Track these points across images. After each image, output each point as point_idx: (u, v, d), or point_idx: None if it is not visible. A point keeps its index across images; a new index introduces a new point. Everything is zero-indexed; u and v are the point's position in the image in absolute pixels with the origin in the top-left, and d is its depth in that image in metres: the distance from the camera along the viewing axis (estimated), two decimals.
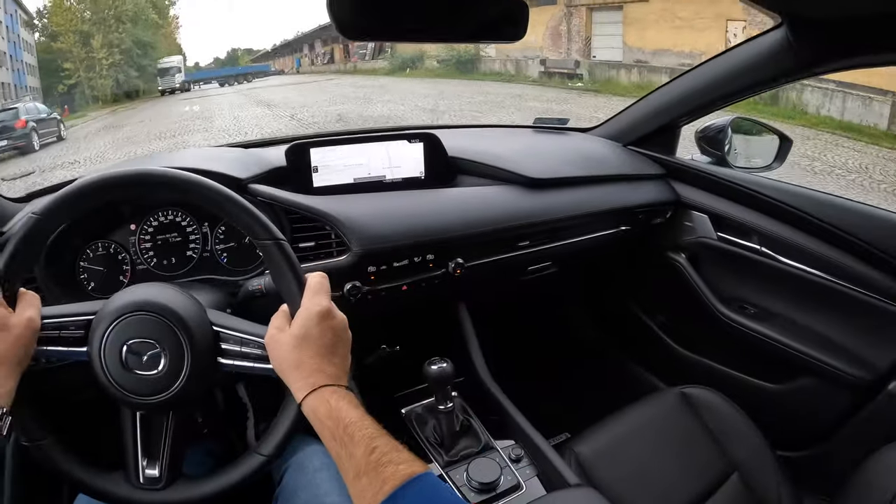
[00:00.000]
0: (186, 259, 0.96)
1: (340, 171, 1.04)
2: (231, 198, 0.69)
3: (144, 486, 0.69)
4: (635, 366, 1.46)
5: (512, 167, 1.12)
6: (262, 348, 0.68)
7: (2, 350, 0.59)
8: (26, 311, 0.62)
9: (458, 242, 1.03)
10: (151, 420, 0.70)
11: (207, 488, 0.70)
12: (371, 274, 0.98)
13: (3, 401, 0.57)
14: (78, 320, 0.68)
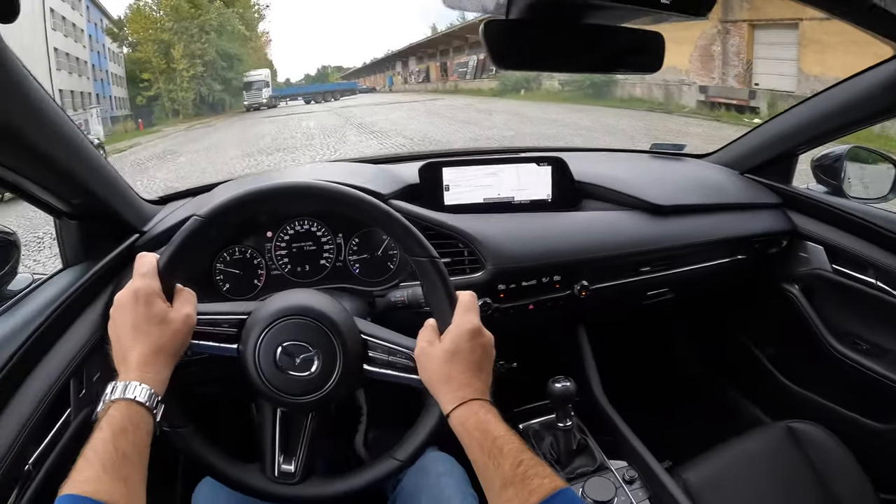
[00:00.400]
0: (320, 267, 1.02)
1: (471, 191, 1.08)
2: (392, 215, 0.72)
3: (279, 479, 0.72)
4: (740, 396, 1.43)
5: (636, 193, 1.13)
6: (409, 359, 0.71)
7: (162, 341, 0.63)
8: (184, 307, 0.66)
9: (585, 265, 1.05)
10: (291, 418, 0.74)
11: (340, 487, 0.73)
12: (501, 292, 1.01)
13: (159, 388, 0.60)
14: (232, 319, 0.72)
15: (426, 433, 0.72)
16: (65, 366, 0.79)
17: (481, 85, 21.59)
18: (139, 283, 0.64)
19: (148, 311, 0.63)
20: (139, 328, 0.62)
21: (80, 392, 0.84)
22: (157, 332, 0.62)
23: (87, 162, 0.83)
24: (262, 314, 0.72)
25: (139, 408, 0.57)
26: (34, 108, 0.68)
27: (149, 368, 0.61)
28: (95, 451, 0.52)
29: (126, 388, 0.58)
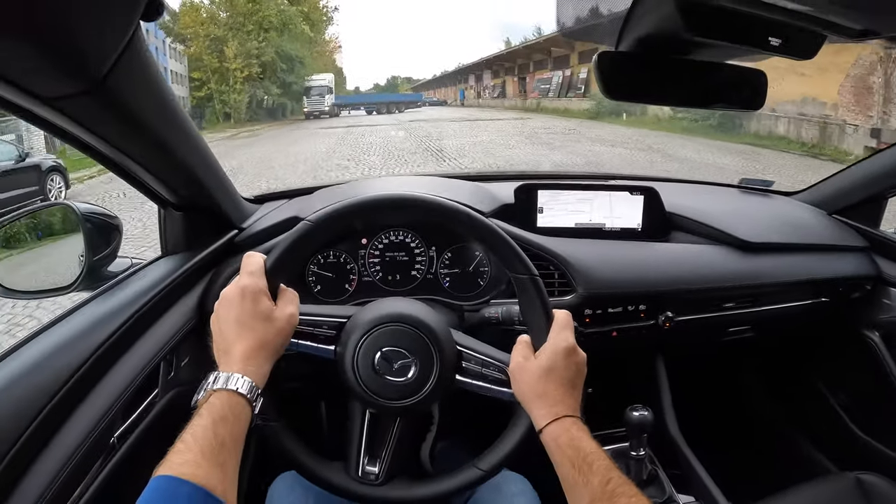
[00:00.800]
0: (411, 278, 1.03)
1: (564, 214, 1.08)
2: (497, 232, 0.74)
3: (362, 479, 0.74)
4: (809, 442, 1.40)
5: (725, 228, 1.11)
6: (502, 373, 0.73)
7: (265, 338, 0.64)
8: (288, 306, 0.68)
9: (672, 296, 1.04)
10: (379, 421, 0.76)
11: (422, 491, 0.74)
12: (587, 317, 1.01)
13: (259, 382, 0.62)
14: (332, 321, 0.75)
15: (511, 446, 0.74)
16: (157, 349, 0.81)
17: (569, 105, 18.34)
18: (247, 280, 0.66)
19: (254, 307, 0.64)
20: (244, 323, 0.64)
21: (169, 375, 0.87)
22: (261, 328, 0.64)
23: (202, 158, 0.85)
24: (364, 319, 0.74)
25: (240, 399, 0.59)
26: (163, 104, 0.70)
27: (251, 362, 0.62)
28: (195, 436, 0.53)
29: (228, 378, 0.60)
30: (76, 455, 0.61)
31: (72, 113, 0.61)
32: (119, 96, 0.60)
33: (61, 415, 0.62)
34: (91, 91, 0.56)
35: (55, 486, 0.57)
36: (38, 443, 0.58)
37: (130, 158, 0.77)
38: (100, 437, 0.66)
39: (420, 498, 0.74)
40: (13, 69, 0.50)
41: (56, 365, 0.64)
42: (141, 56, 0.60)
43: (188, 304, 0.93)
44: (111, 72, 0.55)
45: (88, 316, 0.75)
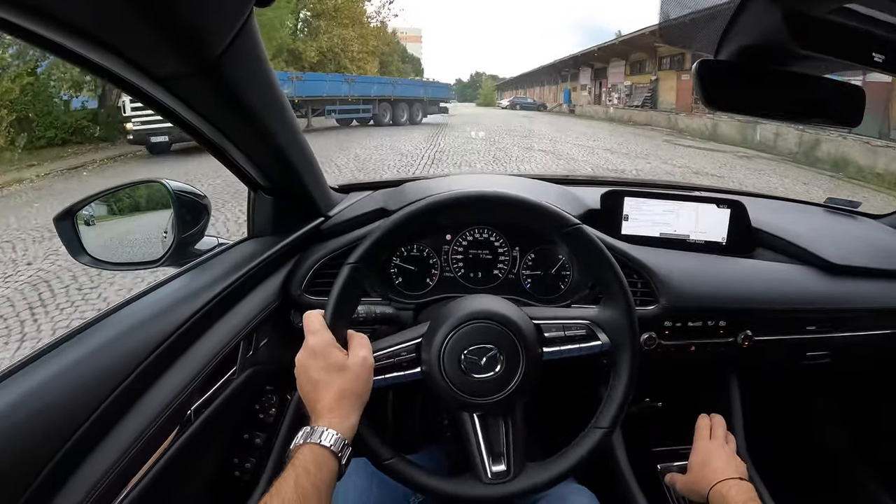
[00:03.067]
0: (492, 277, 1.02)
1: (649, 223, 1.06)
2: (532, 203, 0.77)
3: (494, 481, 0.74)
4: (873, 478, 1.34)
5: (811, 248, 1.08)
6: (585, 329, 0.75)
7: (344, 388, 0.66)
8: (360, 350, 0.69)
9: (753, 315, 1.01)
10: (490, 419, 0.76)
11: (554, 470, 0.75)
12: (667, 329, 0.99)
13: (345, 433, 0.63)
14: (408, 346, 0.76)
15: (620, 398, 0.75)
16: (239, 328, 0.82)
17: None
18: (311, 339, 0.69)
19: (325, 362, 0.67)
20: (320, 380, 0.66)
21: (248, 354, 0.87)
22: (338, 380, 0.66)
23: (297, 145, 0.87)
24: (436, 330, 0.75)
25: (323, 450, 0.61)
26: (268, 89, 0.72)
27: (334, 414, 0.64)
28: (278, 488, 0.57)
29: (313, 433, 0.62)
30: (155, 423, 0.62)
31: (180, 92, 0.63)
32: (228, 79, 0.62)
33: (144, 383, 0.63)
34: (203, 72, 0.57)
35: (133, 451, 0.59)
36: (120, 408, 0.59)
37: (230, 140, 0.79)
38: (178, 409, 0.68)
39: (555, 476, 0.75)
40: (132, 48, 0.51)
41: (143, 335, 0.65)
42: (252, 41, 0.61)
43: (271, 287, 0.94)
44: (224, 54, 0.56)
45: (176, 290, 0.77)
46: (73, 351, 0.59)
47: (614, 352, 0.76)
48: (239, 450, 0.94)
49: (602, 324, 0.77)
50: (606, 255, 0.76)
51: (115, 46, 0.50)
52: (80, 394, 0.55)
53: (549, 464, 0.75)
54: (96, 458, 0.55)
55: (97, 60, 0.52)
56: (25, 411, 0.51)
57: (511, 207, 0.78)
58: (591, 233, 0.76)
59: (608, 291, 0.78)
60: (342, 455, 0.62)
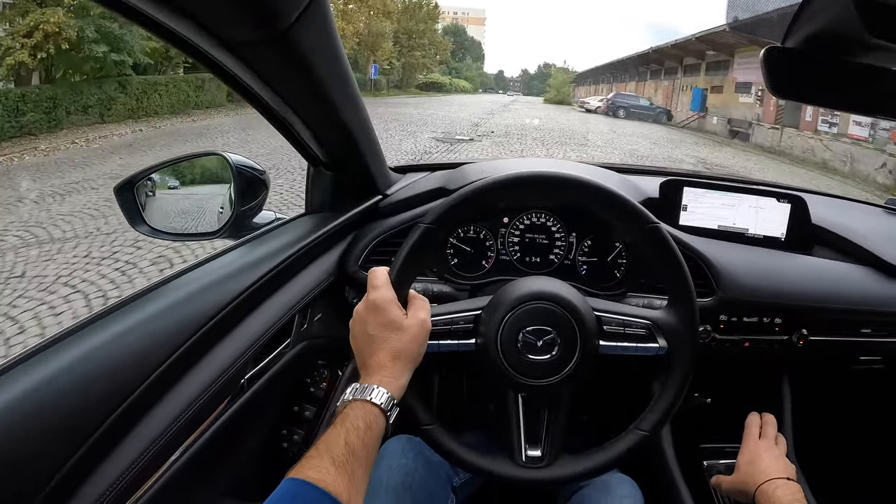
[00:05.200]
0: (548, 262, 1.01)
1: (707, 215, 1.04)
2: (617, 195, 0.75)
3: (528, 464, 0.73)
4: None
5: (872, 248, 1.05)
6: (646, 329, 0.73)
7: (398, 347, 0.65)
8: (419, 312, 0.68)
9: (809, 313, 0.99)
10: (534, 403, 0.75)
11: (590, 463, 0.74)
12: (722, 322, 0.97)
13: (396, 392, 0.63)
14: (467, 316, 0.75)
15: (668, 403, 0.74)
16: (294, 302, 0.83)
17: None
18: (373, 294, 0.68)
19: (383, 319, 0.66)
20: (376, 336, 0.65)
21: (302, 327, 0.88)
22: (393, 338, 0.65)
23: (361, 121, 0.87)
24: (499, 304, 0.73)
25: (373, 408, 0.60)
26: (336, 62, 0.72)
27: (386, 373, 0.63)
28: (327, 444, 0.55)
29: (364, 390, 0.61)
30: (209, 390, 0.63)
31: (249, 60, 0.63)
32: (299, 48, 0.62)
33: (200, 351, 0.64)
34: (274, 40, 0.57)
35: (186, 416, 0.59)
36: (175, 374, 0.60)
37: (294, 112, 0.79)
38: (232, 378, 0.69)
39: (587, 471, 0.74)
40: (206, 12, 0.52)
41: (201, 304, 0.66)
42: (324, 11, 0.61)
43: (328, 263, 0.94)
44: (296, 22, 0.56)
45: (234, 262, 0.77)
46: (132, 316, 0.60)
47: (670, 357, 0.75)
48: (288, 422, 0.95)
49: (663, 327, 0.75)
50: (679, 259, 0.74)
51: (188, 10, 0.51)
52: (136, 359, 0.56)
53: (583, 458, 0.74)
54: (150, 422, 0.56)
55: (167, 23, 0.52)
56: (84, 371, 0.52)
57: (595, 196, 0.76)
58: (667, 233, 0.74)
59: (675, 295, 0.76)
60: (391, 414, 0.61)
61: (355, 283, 0.96)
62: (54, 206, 5.06)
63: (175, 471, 0.59)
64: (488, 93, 60.26)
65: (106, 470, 0.51)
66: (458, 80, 51.84)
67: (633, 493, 0.88)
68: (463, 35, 62.69)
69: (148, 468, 0.55)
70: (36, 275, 3.43)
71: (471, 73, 61.22)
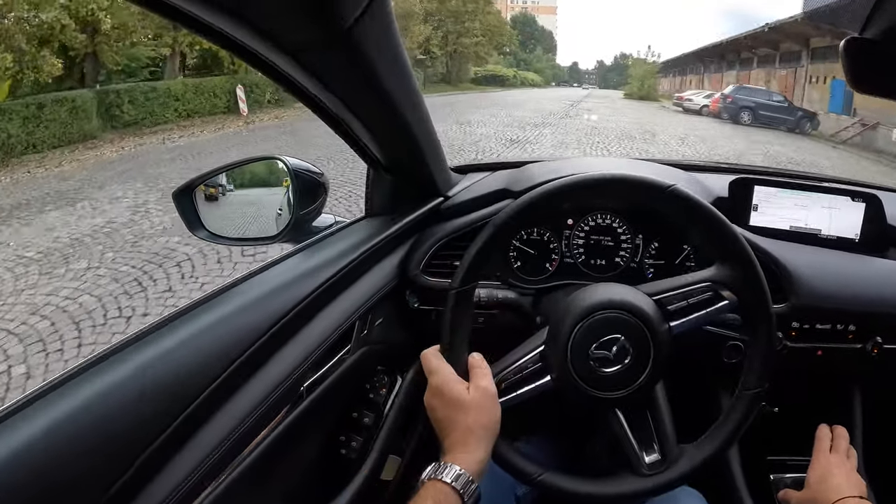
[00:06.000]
0: (613, 265, 0.99)
1: (779, 215, 1.01)
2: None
3: (651, 472, 0.72)
4: None
5: None
6: (709, 291, 0.72)
7: (469, 424, 0.66)
8: (480, 381, 0.69)
9: (885, 320, 0.95)
10: (633, 411, 0.73)
11: (713, 444, 0.73)
12: (794, 329, 0.93)
13: (472, 468, 0.63)
14: (533, 356, 0.73)
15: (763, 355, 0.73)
16: (355, 307, 0.82)
17: None
18: (432, 379, 0.70)
19: (446, 400, 0.68)
20: (445, 418, 0.68)
21: (363, 332, 0.87)
22: (460, 417, 0.67)
23: (422, 123, 0.85)
24: (558, 335, 0.72)
25: (445, 487, 0.61)
26: (398, 63, 0.70)
27: (460, 450, 0.65)
28: None
29: (437, 469, 0.63)
30: (269, 398, 0.63)
31: (308, 64, 0.62)
32: (359, 51, 0.60)
33: (261, 358, 0.63)
34: (333, 42, 0.56)
35: (247, 424, 0.59)
36: (237, 381, 0.60)
37: (355, 115, 0.78)
38: (293, 385, 0.68)
39: (715, 453, 0.73)
40: (262, 17, 0.51)
41: (262, 311, 0.65)
42: (385, 11, 0.59)
43: (389, 267, 0.93)
44: (356, 24, 0.55)
45: (295, 267, 0.77)
46: (195, 323, 0.60)
47: (744, 307, 0.73)
48: (347, 428, 0.94)
49: (724, 280, 0.72)
50: (709, 210, 0.72)
51: (244, 15, 0.50)
52: (194, 371, 0.55)
53: (703, 442, 0.73)
54: (211, 428, 0.56)
55: (223, 29, 0.52)
56: (147, 377, 0.52)
57: (603, 186, 0.75)
58: (687, 191, 0.72)
59: (722, 248, 0.73)
60: (465, 492, 0.62)
61: (417, 287, 0.94)
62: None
63: (231, 482, 0.59)
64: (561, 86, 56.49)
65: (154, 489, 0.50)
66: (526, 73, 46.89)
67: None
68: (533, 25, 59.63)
69: (203, 482, 0.54)
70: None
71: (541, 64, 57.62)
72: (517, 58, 51.45)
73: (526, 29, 57.12)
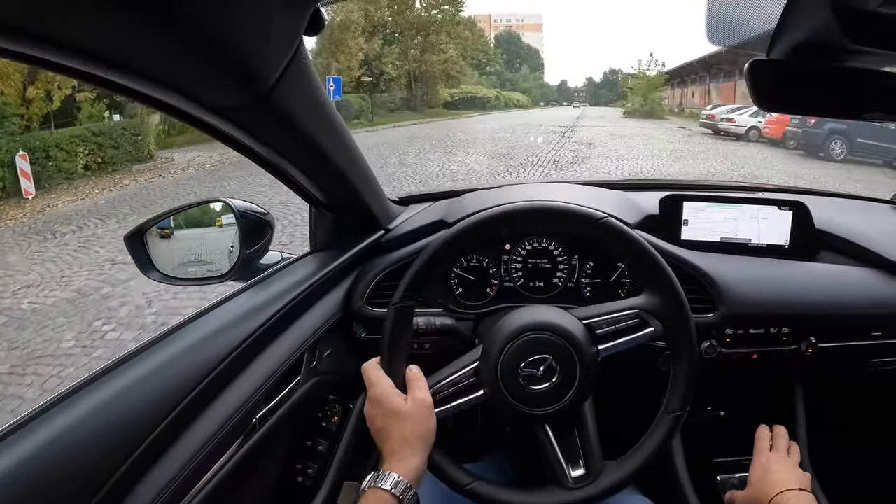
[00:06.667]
0: (552, 286, 1.02)
1: (709, 228, 1.04)
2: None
3: (576, 485, 0.75)
4: None
5: (878, 249, 1.04)
6: (636, 318, 0.76)
7: (405, 433, 0.70)
8: (417, 393, 0.73)
9: (817, 321, 0.98)
10: (560, 426, 0.77)
11: (632, 464, 0.76)
12: (728, 336, 0.97)
13: (409, 475, 0.67)
14: (466, 371, 0.78)
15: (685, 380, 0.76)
16: (303, 340, 0.85)
17: None
18: (371, 391, 0.73)
19: (385, 410, 0.71)
20: (382, 428, 0.71)
21: (311, 364, 0.90)
22: (397, 425, 0.70)
23: (353, 161, 0.88)
24: (490, 351, 0.76)
25: (384, 494, 0.64)
26: (322, 112, 0.74)
27: (396, 458, 0.68)
28: None
29: (377, 478, 0.66)
30: (221, 431, 0.66)
31: (237, 121, 0.65)
32: (282, 107, 0.63)
33: (212, 394, 0.66)
34: (257, 102, 0.59)
35: (199, 458, 0.62)
36: (189, 418, 0.62)
37: (289, 162, 0.81)
38: (244, 417, 0.71)
39: (635, 470, 0.76)
40: (186, 82, 0.53)
41: (212, 348, 0.68)
42: (304, 68, 0.62)
43: (334, 300, 0.96)
44: (277, 84, 0.58)
45: (243, 305, 0.79)
46: (146, 363, 0.62)
47: (669, 335, 0.77)
48: (302, 456, 0.97)
49: (650, 309, 0.77)
50: (638, 242, 0.76)
51: (172, 84, 0.53)
52: (150, 405, 0.58)
53: (626, 460, 0.76)
54: (164, 465, 0.58)
55: (156, 96, 0.55)
56: (99, 419, 0.54)
57: (538, 217, 0.80)
58: (617, 224, 0.77)
59: (649, 277, 0.78)
60: (403, 497, 0.65)
61: (362, 318, 0.98)
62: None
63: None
64: (550, 105, 51.92)
65: None
66: (512, 94, 41.61)
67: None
68: (518, 43, 56.30)
69: None
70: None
71: (528, 84, 53.92)
72: (502, 78, 48.20)
73: (511, 48, 54.93)
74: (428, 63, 23.21)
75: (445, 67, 24.28)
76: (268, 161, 0.80)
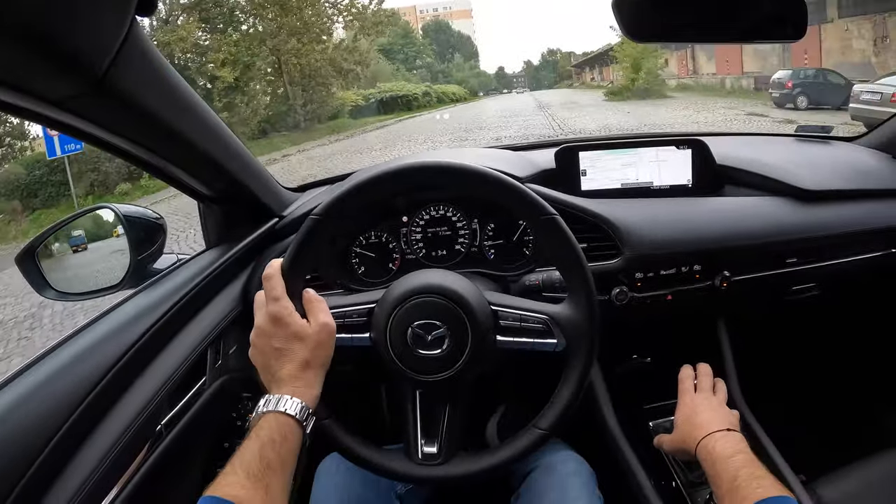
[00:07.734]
0: (455, 252, 1.00)
1: (608, 176, 1.03)
2: (504, 180, 0.72)
3: (423, 462, 0.72)
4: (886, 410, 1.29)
5: (782, 177, 1.04)
6: (542, 324, 0.71)
7: (306, 356, 0.65)
8: (319, 316, 0.67)
9: (727, 254, 0.98)
10: (430, 399, 0.74)
11: (486, 462, 0.72)
12: (638, 281, 0.96)
13: (310, 401, 0.63)
14: (360, 309, 0.73)
15: (566, 401, 0.72)
16: (202, 337, 0.82)
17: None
18: (272, 307, 0.66)
19: (288, 331, 0.65)
20: (282, 349, 0.65)
21: (217, 363, 0.88)
22: (299, 348, 0.65)
23: (227, 148, 0.85)
24: (389, 298, 0.72)
25: (288, 419, 0.60)
26: (173, 96, 0.70)
27: (298, 383, 0.63)
28: (242, 459, 0.55)
29: (277, 401, 0.61)
30: (120, 442, 0.62)
31: (81, 112, 0.61)
32: (123, 92, 0.60)
33: (105, 404, 0.63)
34: (93, 90, 0.55)
35: (100, 472, 0.58)
36: (81, 432, 0.59)
37: (154, 153, 0.77)
38: (145, 424, 0.67)
39: (483, 470, 0.72)
40: (11, 73, 0.50)
41: (99, 356, 0.64)
42: (141, 50, 0.59)
43: (233, 293, 0.93)
44: (110, 69, 0.54)
45: (131, 309, 0.76)
46: (26, 382, 0.59)
47: (567, 353, 0.72)
48: (222, 459, 0.94)
49: (561, 322, 0.72)
50: (577, 252, 0.71)
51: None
52: (36, 423, 0.55)
53: (480, 457, 0.72)
54: (64, 482, 0.55)
55: None
56: None
57: (488, 186, 0.74)
58: (564, 226, 0.72)
59: (572, 290, 0.73)
60: (307, 424, 0.61)
61: None
62: None
63: None
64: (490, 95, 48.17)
65: None
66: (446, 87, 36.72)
67: (579, 468, 0.87)
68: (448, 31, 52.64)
69: None
70: None
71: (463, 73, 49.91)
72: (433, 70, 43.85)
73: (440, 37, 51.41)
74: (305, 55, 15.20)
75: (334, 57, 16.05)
76: (134, 155, 0.76)
